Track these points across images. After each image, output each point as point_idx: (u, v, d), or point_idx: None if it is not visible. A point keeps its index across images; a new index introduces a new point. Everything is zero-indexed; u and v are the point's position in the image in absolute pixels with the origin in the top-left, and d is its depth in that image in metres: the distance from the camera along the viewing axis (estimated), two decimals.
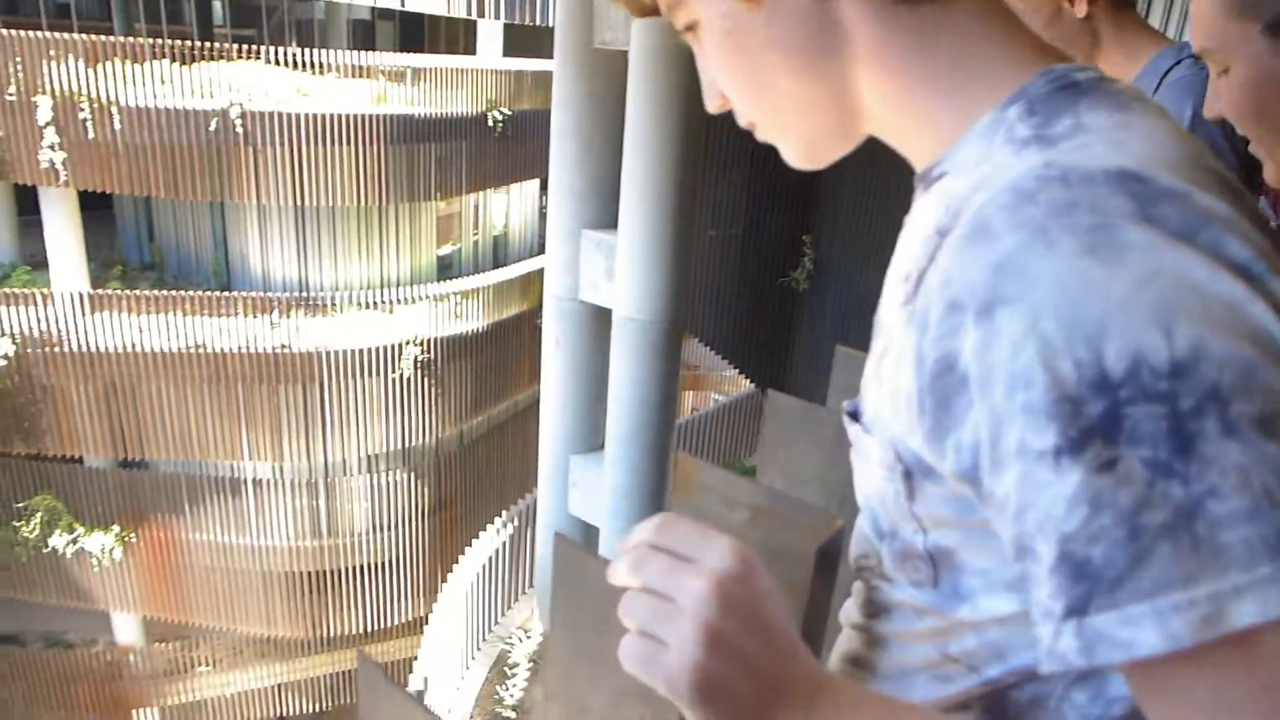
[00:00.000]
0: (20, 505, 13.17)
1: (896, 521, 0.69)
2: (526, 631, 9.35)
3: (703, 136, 7.68)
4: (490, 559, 9.38)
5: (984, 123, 0.63)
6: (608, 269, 7.93)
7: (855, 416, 0.73)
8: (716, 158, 8.74)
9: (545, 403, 8.73)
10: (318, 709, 16.35)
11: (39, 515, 13.08)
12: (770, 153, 0.76)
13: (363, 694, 0.61)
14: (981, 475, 0.55)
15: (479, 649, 9.22)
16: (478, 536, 10.11)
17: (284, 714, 16.40)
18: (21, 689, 14.48)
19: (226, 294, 12.91)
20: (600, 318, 8.23)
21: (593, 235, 8.05)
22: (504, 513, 10.13)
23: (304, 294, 13.41)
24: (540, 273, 14.84)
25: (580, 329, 8.34)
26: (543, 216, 18.25)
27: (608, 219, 8.11)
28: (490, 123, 14.02)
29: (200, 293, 12.81)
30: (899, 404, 0.62)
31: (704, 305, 9.35)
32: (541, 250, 17.37)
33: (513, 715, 8.36)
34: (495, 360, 14.37)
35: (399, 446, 13.50)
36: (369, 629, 14.64)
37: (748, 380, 9.79)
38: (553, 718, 0.79)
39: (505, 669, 8.82)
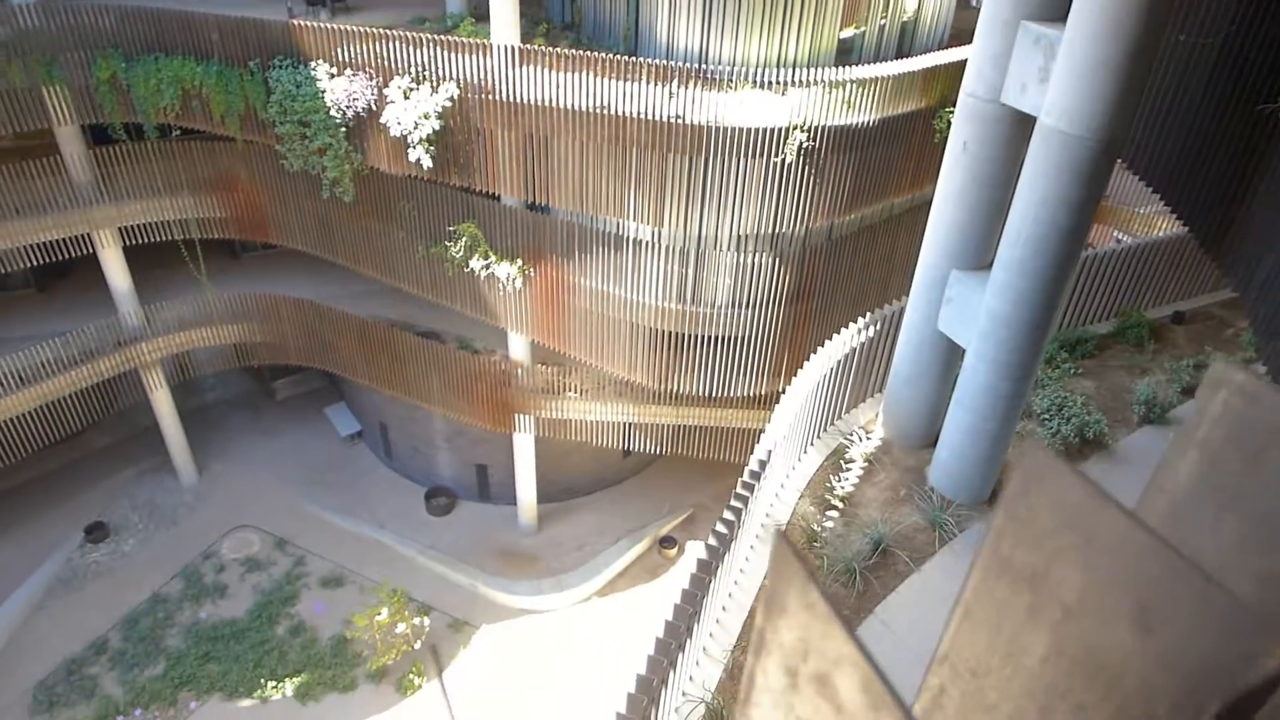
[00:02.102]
0: (451, 229, 15.57)
1: None
2: (867, 433, 9.50)
3: None
4: (845, 357, 9.46)
5: None
6: (1042, 70, 7.01)
7: None
8: None
9: (936, 210, 8.24)
10: (656, 451, 18.38)
11: (464, 240, 15.40)
12: None
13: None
14: None
15: (818, 438, 9.59)
16: (830, 331, 10.21)
17: (628, 449, 18.67)
18: (438, 376, 17.87)
19: (633, 59, 13.42)
20: (1021, 125, 7.40)
21: (1033, 28, 7.07)
22: (866, 315, 10.03)
23: (703, 66, 13.54)
24: (948, 68, 13.60)
25: (994, 135, 7.59)
26: (959, 3, 16.40)
27: (1054, 9, 7.06)
28: None
29: (610, 56, 13.44)
30: None
31: (1148, 126, 8.02)
32: (951, 43, 15.80)
33: (840, 505, 8.74)
34: (880, 158, 13.74)
35: (769, 230, 13.72)
36: (711, 394, 15.82)
37: (1180, 223, 8.39)
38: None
39: (841, 462, 9.13)
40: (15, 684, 16.27)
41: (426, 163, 13.97)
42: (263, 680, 16.54)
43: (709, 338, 14.99)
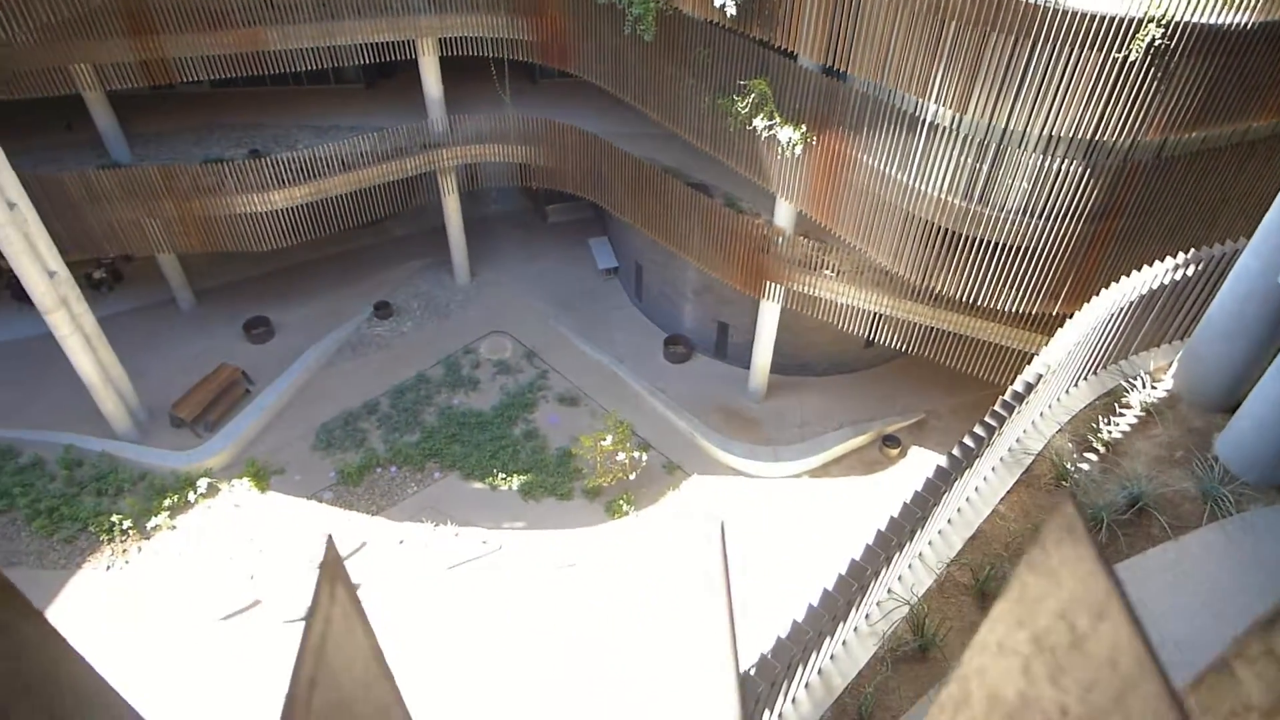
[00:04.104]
0: (741, 83, 15.25)
1: None
2: (1155, 381, 8.60)
3: None
4: (1150, 293, 8.48)
5: None
6: None
7: None
8: None
9: None
10: (900, 348, 17.77)
11: (752, 96, 15.07)
12: None
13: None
14: None
15: (1095, 373, 8.82)
16: (1131, 261, 9.14)
17: (872, 340, 18.18)
18: (700, 228, 18.06)
19: None
20: None
21: None
22: (1186, 252, 8.85)
23: None
24: None
25: None
26: None
27: None
28: None
29: None
30: None
31: None
32: None
33: (1101, 450, 8.09)
34: (1248, 69, 11.67)
35: (1087, 136, 12.25)
36: (975, 302, 14.86)
37: None
38: None
39: (1116, 405, 8.38)
40: (305, 420, 19.29)
41: (731, 10, 13.62)
42: (495, 470, 18.49)
43: (988, 242, 13.94)
